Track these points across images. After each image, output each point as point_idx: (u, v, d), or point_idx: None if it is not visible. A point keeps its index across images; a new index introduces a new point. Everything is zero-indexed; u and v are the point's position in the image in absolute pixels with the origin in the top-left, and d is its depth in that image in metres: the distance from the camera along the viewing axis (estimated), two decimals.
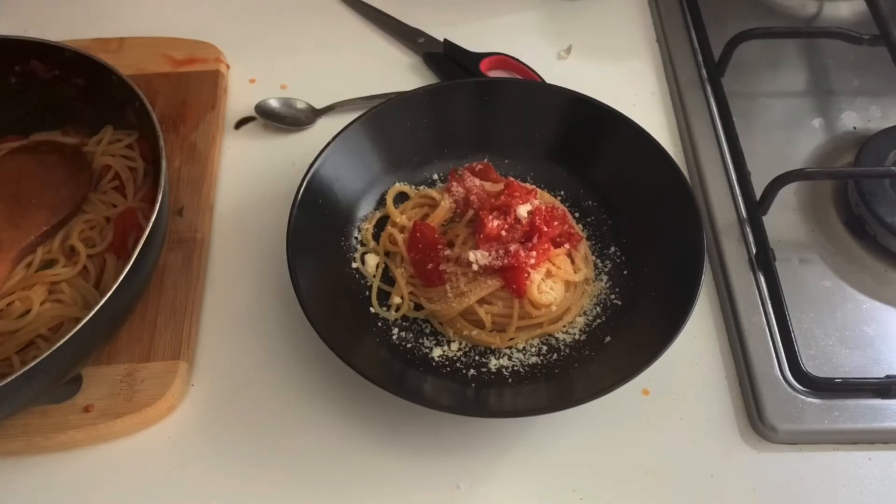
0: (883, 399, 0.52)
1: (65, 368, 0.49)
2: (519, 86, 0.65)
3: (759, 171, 0.62)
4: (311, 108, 0.68)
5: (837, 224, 0.61)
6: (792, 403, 0.52)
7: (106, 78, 0.58)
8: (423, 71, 0.72)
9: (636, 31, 0.75)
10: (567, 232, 0.57)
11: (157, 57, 0.69)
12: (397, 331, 0.56)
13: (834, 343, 0.55)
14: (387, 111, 0.61)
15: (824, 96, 0.69)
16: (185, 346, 0.54)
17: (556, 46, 0.74)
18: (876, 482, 0.51)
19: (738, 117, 0.66)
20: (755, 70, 0.70)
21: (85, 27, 0.73)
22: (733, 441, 0.52)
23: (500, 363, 0.54)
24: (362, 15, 0.76)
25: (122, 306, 0.50)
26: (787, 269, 0.58)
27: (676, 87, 0.69)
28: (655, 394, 0.54)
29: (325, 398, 0.54)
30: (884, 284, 0.58)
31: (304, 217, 0.55)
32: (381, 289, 0.58)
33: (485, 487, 0.50)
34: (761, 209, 0.60)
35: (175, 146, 0.64)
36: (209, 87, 0.68)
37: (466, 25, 0.74)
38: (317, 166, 0.57)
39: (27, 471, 0.51)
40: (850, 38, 0.67)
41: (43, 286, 0.54)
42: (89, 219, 0.57)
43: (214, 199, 0.63)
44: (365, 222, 0.61)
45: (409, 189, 0.62)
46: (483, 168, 0.61)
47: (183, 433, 0.53)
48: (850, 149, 0.65)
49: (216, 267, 0.60)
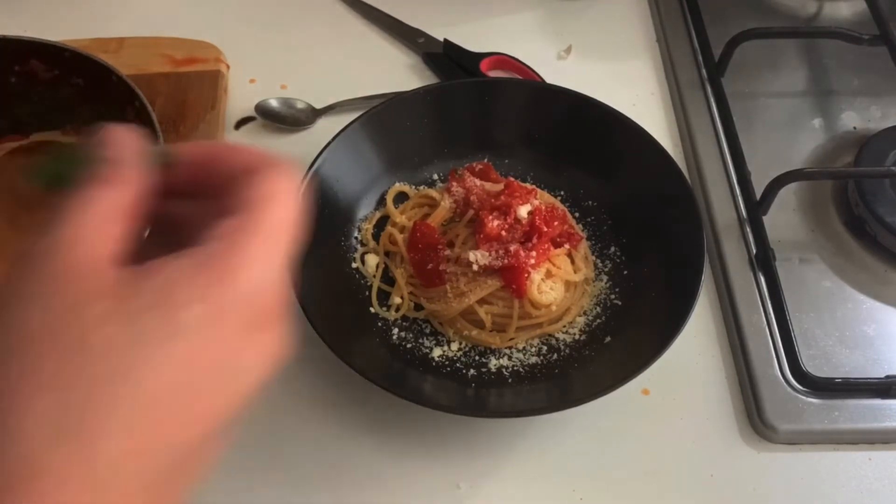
0: (883, 399, 0.52)
1: None
2: (519, 86, 0.65)
3: (759, 171, 0.62)
4: (311, 108, 0.68)
5: (837, 224, 0.61)
6: (792, 403, 0.52)
7: (106, 78, 0.57)
8: (423, 71, 0.72)
9: (636, 31, 0.75)
10: (567, 232, 0.57)
11: (157, 57, 0.69)
12: (397, 331, 0.56)
13: (834, 343, 0.55)
14: (387, 111, 0.61)
15: (824, 96, 0.69)
16: None
17: (556, 46, 0.74)
18: (876, 482, 0.51)
19: (738, 117, 0.66)
20: (755, 70, 0.70)
21: (85, 27, 0.73)
22: (733, 441, 0.52)
23: (500, 363, 0.54)
24: (362, 15, 0.76)
25: None
26: (787, 269, 0.58)
27: (676, 87, 0.69)
28: (655, 394, 0.54)
29: (324, 398, 0.54)
30: (884, 284, 0.58)
31: (304, 217, 0.55)
32: (381, 289, 0.58)
33: (485, 487, 0.50)
34: (761, 209, 0.60)
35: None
36: (209, 87, 0.68)
37: (466, 25, 0.74)
38: (317, 166, 0.57)
39: None
40: (850, 38, 0.67)
41: None
42: None
43: None
44: (365, 222, 0.61)
45: (409, 189, 0.62)
46: (483, 168, 0.61)
47: None
48: (850, 149, 0.65)
49: None
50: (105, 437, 0.22)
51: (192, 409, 0.23)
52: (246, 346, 0.25)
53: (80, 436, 0.21)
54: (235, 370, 0.25)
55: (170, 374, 0.23)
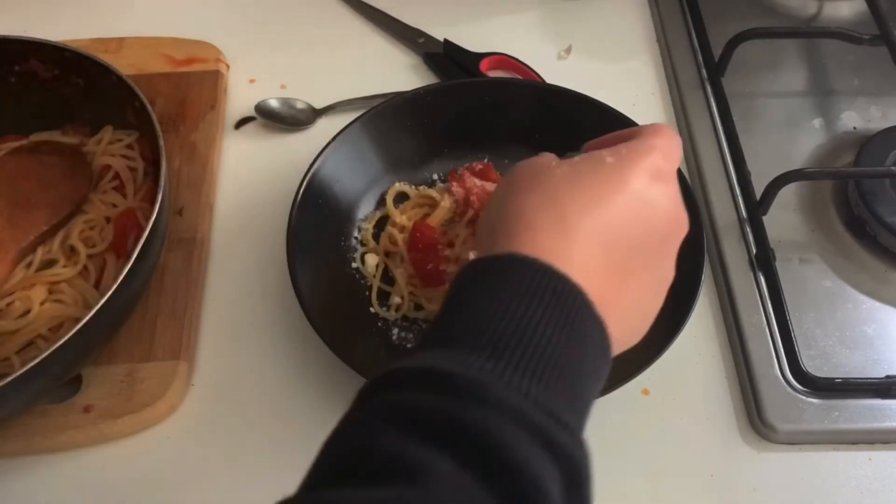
0: (883, 399, 0.52)
1: (65, 368, 0.49)
2: (519, 86, 0.65)
3: (759, 171, 0.62)
4: (311, 108, 0.68)
5: (837, 224, 0.61)
6: (792, 403, 0.52)
7: (106, 78, 0.58)
8: (423, 71, 0.72)
9: (636, 31, 0.75)
10: None
11: (157, 57, 0.69)
12: (397, 331, 0.56)
13: (834, 343, 0.55)
14: (387, 111, 0.61)
15: (824, 96, 0.69)
16: (185, 345, 0.54)
17: (556, 46, 0.74)
18: (876, 482, 0.51)
19: (738, 117, 0.66)
20: (755, 70, 0.70)
21: (85, 27, 0.73)
22: (733, 441, 0.52)
23: None
24: (362, 15, 0.76)
25: (122, 306, 0.50)
26: (788, 269, 0.58)
27: (676, 87, 0.69)
28: (655, 394, 0.54)
29: (325, 398, 0.54)
30: (884, 284, 0.58)
31: (304, 217, 0.55)
32: (381, 289, 0.58)
33: None
34: (761, 209, 0.60)
35: (175, 146, 0.64)
36: (209, 87, 0.68)
37: (466, 25, 0.74)
38: (317, 166, 0.57)
39: (27, 471, 0.51)
40: (850, 38, 0.67)
41: (43, 286, 0.54)
42: (89, 219, 0.57)
43: (214, 200, 0.63)
44: (365, 222, 0.61)
45: (409, 189, 0.62)
46: (483, 168, 0.61)
47: (183, 433, 0.53)
48: (850, 149, 0.65)
49: (216, 267, 0.60)
50: (572, 210, 0.35)
51: (625, 219, 0.36)
52: (650, 185, 0.37)
53: (556, 208, 0.35)
54: (647, 198, 0.36)
55: (602, 189, 0.36)
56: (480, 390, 0.29)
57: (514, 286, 0.32)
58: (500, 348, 0.30)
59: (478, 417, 0.28)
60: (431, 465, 0.27)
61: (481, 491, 0.27)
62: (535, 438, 0.28)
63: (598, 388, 0.34)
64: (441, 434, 0.28)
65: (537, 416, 0.29)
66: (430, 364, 0.30)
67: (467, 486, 0.27)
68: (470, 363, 0.30)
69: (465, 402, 0.28)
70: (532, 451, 0.28)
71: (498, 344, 0.30)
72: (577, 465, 0.30)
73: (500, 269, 0.33)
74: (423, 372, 0.30)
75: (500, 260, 0.34)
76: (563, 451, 0.29)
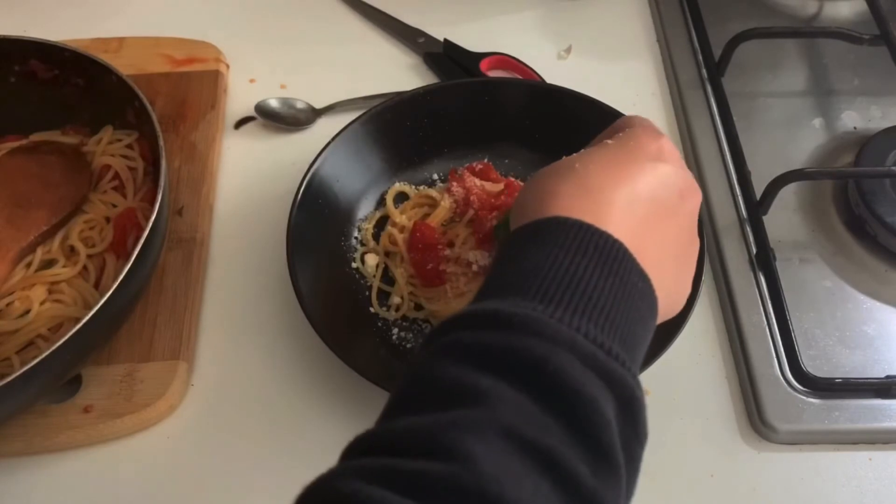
0: (883, 399, 0.52)
1: (65, 368, 0.49)
2: (519, 86, 0.65)
3: (759, 171, 0.62)
4: (311, 108, 0.68)
5: (837, 224, 0.61)
6: (792, 403, 0.52)
7: (106, 78, 0.58)
8: (423, 71, 0.72)
9: (636, 31, 0.75)
10: None
11: (157, 57, 0.69)
12: (397, 331, 0.56)
13: (834, 343, 0.55)
14: (387, 111, 0.61)
15: (824, 96, 0.69)
16: (185, 345, 0.54)
17: (556, 46, 0.74)
18: (876, 482, 0.51)
19: (738, 117, 0.66)
20: (755, 70, 0.70)
21: (85, 27, 0.73)
22: (733, 441, 0.52)
23: None
24: (362, 15, 0.76)
25: (121, 306, 0.50)
26: (788, 269, 0.58)
27: (676, 87, 0.69)
28: (655, 394, 0.54)
29: (325, 398, 0.54)
30: (884, 284, 0.58)
31: (304, 217, 0.55)
32: (381, 289, 0.58)
33: None
34: (761, 209, 0.60)
35: (175, 146, 0.64)
36: (209, 87, 0.68)
37: (466, 25, 0.74)
38: (317, 166, 0.57)
39: (27, 471, 0.51)
40: (850, 38, 0.67)
41: (43, 286, 0.54)
42: (89, 219, 0.57)
43: (214, 199, 0.63)
44: (365, 222, 0.61)
45: (409, 189, 0.62)
46: (483, 168, 0.61)
47: (183, 433, 0.53)
48: (850, 149, 0.65)
49: (216, 267, 0.60)
50: (603, 187, 0.38)
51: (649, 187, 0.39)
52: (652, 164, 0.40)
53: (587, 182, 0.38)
54: (654, 171, 0.39)
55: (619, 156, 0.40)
56: (536, 324, 0.31)
57: (559, 243, 0.34)
58: (550, 294, 0.32)
59: (533, 345, 0.30)
60: (493, 390, 0.29)
61: (541, 412, 0.29)
62: (588, 367, 0.31)
63: (648, 338, 0.36)
64: (499, 363, 0.30)
65: (588, 347, 0.31)
66: (485, 307, 0.32)
67: (528, 408, 0.29)
68: (524, 305, 0.32)
69: (520, 335, 0.31)
70: (586, 376, 0.30)
71: (548, 291, 0.33)
72: (630, 394, 0.32)
73: (543, 229, 0.36)
74: (480, 314, 0.32)
75: (541, 223, 0.36)
76: (616, 379, 0.31)
